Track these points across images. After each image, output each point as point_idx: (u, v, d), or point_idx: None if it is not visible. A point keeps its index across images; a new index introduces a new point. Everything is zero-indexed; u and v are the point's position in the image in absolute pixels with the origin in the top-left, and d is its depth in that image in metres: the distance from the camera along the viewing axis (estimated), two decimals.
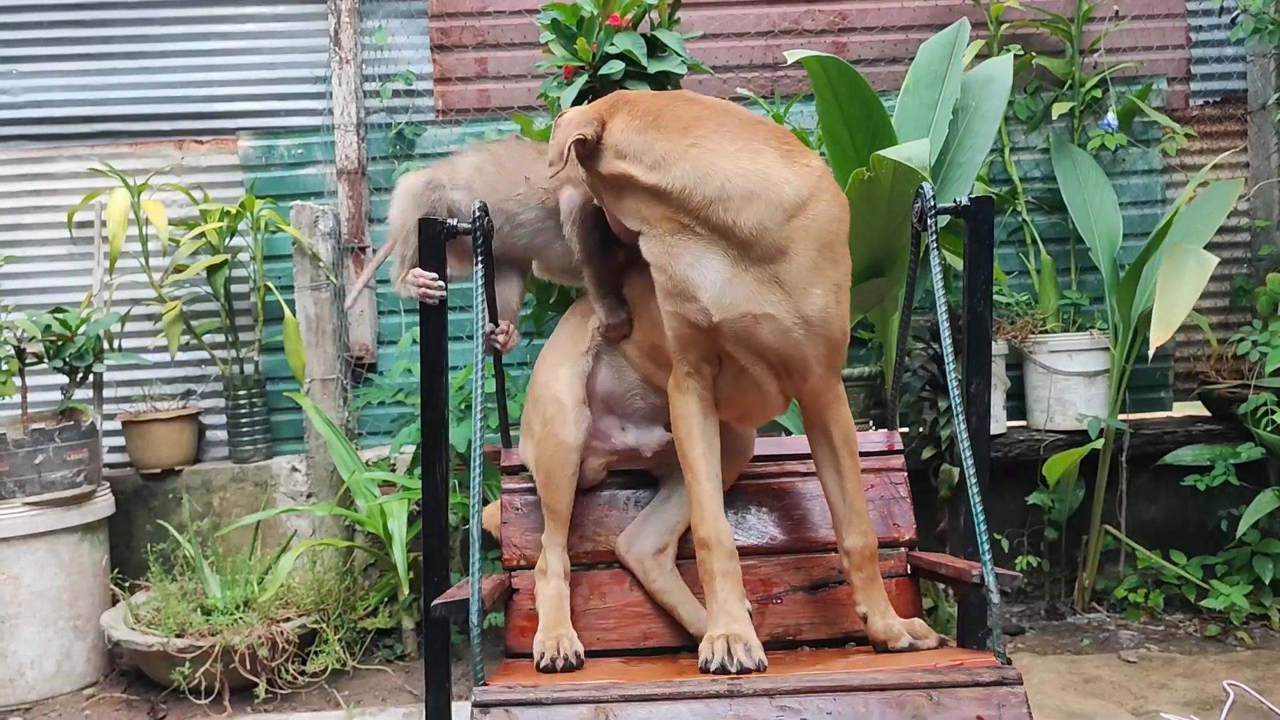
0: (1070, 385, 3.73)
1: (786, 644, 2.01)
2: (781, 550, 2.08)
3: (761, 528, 2.10)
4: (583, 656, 1.84)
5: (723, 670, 1.60)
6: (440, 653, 1.98)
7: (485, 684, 1.54)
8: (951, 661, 1.60)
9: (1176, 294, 3.07)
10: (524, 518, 2.10)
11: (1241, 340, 3.63)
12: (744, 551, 2.03)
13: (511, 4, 4.02)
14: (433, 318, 2.00)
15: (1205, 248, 3.27)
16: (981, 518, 1.61)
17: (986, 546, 1.60)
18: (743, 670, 1.59)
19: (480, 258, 1.89)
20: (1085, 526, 3.76)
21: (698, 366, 1.78)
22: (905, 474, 2.16)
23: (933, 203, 1.85)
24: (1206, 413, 3.94)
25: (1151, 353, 3.07)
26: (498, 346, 2.09)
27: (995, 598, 1.57)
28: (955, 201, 1.89)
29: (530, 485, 2.09)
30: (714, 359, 1.78)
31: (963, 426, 1.67)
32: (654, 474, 2.12)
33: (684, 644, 1.97)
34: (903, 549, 2.09)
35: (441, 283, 1.98)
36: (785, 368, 1.74)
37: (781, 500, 2.12)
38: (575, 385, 1.98)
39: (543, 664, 1.80)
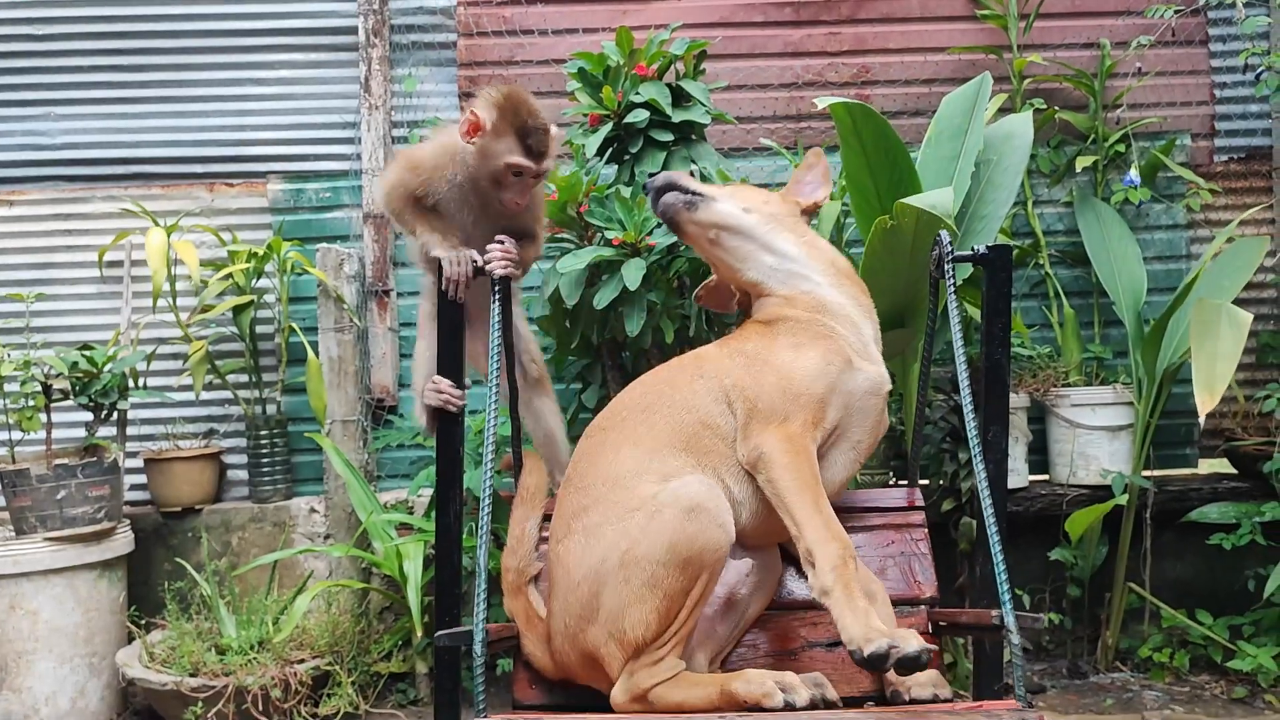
0: (1093, 440, 3.69)
1: None
2: (800, 606, 2.05)
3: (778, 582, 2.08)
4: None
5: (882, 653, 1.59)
6: (451, 695, 1.97)
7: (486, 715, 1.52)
8: (971, 705, 1.58)
9: (1214, 355, 3.01)
10: None
11: (1268, 397, 3.60)
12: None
13: (539, 54, 4.08)
14: (448, 359, 2.01)
15: (1232, 304, 3.25)
16: (1001, 559, 1.59)
17: (1006, 588, 1.57)
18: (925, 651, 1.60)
19: (498, 297, 1.90)
20: (1108, 584, 3.70)
21: (829, 422, 1.89)
22: (926, 530, 2.13)
23: (950, 250, 1.85)
24: (1233, 470, 3.89)
25: (1202, 420, 3.01)
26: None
27: (1015, 638, 1.54)
28: (974, 249, 1.89)
29: None
30: (836, 430, 1.91)
31: (982, 471, 1.66)
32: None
33: None
34: (923, 606, 2.05)
35: (460, 391, 2.01)
36: (868, 453, 1.98)
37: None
38: (725, 511, 1.82)
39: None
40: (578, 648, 1.80)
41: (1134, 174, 3.81)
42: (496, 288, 1.92)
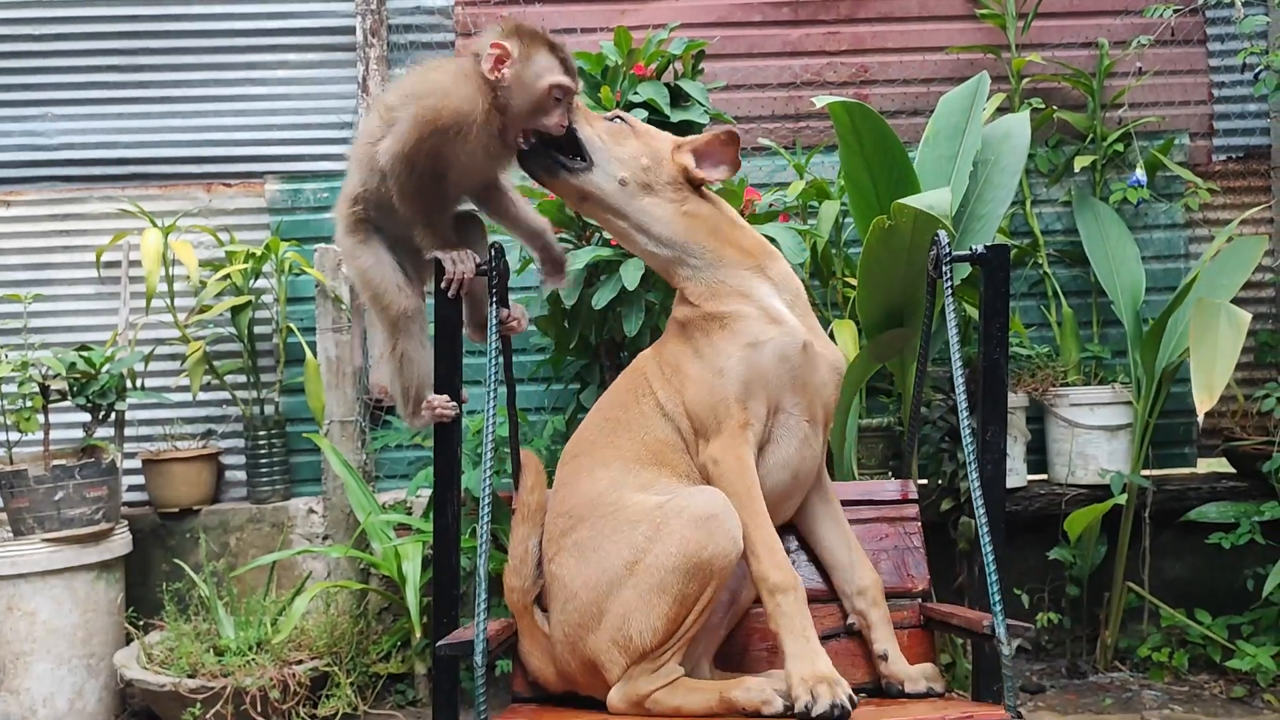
0: (1092, 439, 3.69)
1: None
2: None
3: None
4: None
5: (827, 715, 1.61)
6: (449, 696, 1.96)
7: None
8: (961, 713, 1.58)
9: (1213, 354, 3.01)
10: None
11: (1267, 396, 3.59)
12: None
13: None
14: (446, 369, 2.01)
15: (1231, 303, 3.25)
16: (994, 566, 1.59)
17: (998, 596, 1.58)
18: (837, 706, 1.61)
19: (494, 298, 1.90)
20: (1107, 583, 3.70)
21: (757, 416, 1.83)
22: (919, 524, 2.14)
23: (948, 250, 1.85)
24: (1232, 469, 3.89)
25: (1200, 419, 3.02)
26: (511, 329, 2.02)
27: (1005, 649, 1.55)
28: (971, 249, 1.89)
29: None
30: (770, 410, 1.86)
31: (975, 477, 1.66)
32: None
33: None
34: (917, 600, 2.06)
35: (454, 402, 1.99)
36: (824, 409, 1.92)
37: (788, 548, 2.09)
38: (735, 521, 1.80)
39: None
40: (578, 656, 1.80)
41: (1140, 174, 3.81)
42: (494, 289, 1.92)
